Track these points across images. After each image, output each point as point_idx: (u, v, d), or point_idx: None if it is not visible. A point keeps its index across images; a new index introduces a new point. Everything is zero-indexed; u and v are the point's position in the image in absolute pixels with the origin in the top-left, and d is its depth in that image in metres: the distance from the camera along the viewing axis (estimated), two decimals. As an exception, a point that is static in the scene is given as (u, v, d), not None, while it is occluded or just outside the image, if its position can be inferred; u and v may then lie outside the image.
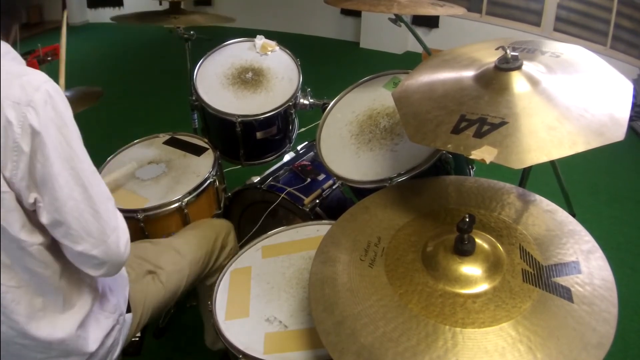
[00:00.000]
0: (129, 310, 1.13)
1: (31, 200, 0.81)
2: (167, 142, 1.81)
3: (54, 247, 0.89)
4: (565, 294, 0.78)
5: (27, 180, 0.80)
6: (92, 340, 1.00)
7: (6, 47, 0.85)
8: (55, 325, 0.93)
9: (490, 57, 1.02)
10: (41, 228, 0.85)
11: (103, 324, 1.03)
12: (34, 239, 0.85)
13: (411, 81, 1.11)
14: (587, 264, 0.83)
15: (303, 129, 2.09)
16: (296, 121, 1.95)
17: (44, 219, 0.83)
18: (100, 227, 0.87)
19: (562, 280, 0.80)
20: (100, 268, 0.91)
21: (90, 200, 0.86)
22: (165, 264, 1.28)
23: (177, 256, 1.32)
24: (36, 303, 0.90)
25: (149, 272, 1.26)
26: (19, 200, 0.81)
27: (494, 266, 0.84)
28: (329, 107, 1.55)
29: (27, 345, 0.93)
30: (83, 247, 0.86)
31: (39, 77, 0.82)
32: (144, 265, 1.25)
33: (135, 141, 1.81)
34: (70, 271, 0.93)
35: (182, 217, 1.54)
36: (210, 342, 1.54)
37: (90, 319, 1.00)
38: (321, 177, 1.77)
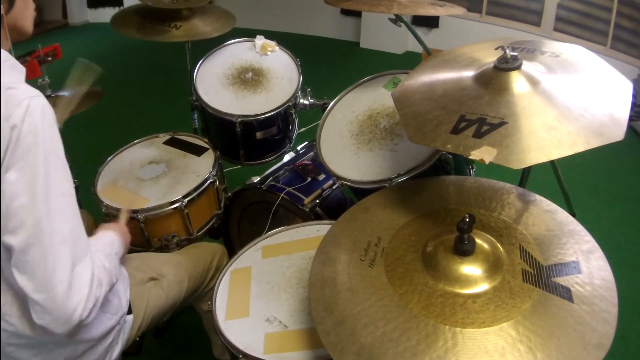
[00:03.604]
0: (129, 312, 1.14)
1: None
2: (167, 142, 1.81)
3: None
4: (565, 294, 0.78)
5: None
6: (90, 331, 1.00)
7: (5, 55, 0.85)
8: None
9: (490, 57, 1.02)
10: None
11: (103, 323, 1.03)
12: None
13: (411, 81, 1.11)
14: (587, 264, 0.83)
15: (303, 129, 2.09)
16: (296, 121, 1.95)
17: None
18: (45, 272, 0.79)
19: (562, 280, 0.80)
20: (42, 316, 0.82)
21: (40, 234, 0.78)
22: (167, 274, 1.30)
23: (178, 267, 1.34)
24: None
25: (151, 279, 1.27)
26: None
27: (494, 266, 0.84)
28: (329, 107, 1.55)
29: (22, 345, 0.94)
30: (23, 283, 0.80)
31: (24, 92, 0.79)
32: (147, 272, 1.27)
33: (135, 141, 1.81)
34: None
35: (182, 217, 1.54)
36: (219, 353, 1.56)
37: None
38: (321, 177, 1.76)
